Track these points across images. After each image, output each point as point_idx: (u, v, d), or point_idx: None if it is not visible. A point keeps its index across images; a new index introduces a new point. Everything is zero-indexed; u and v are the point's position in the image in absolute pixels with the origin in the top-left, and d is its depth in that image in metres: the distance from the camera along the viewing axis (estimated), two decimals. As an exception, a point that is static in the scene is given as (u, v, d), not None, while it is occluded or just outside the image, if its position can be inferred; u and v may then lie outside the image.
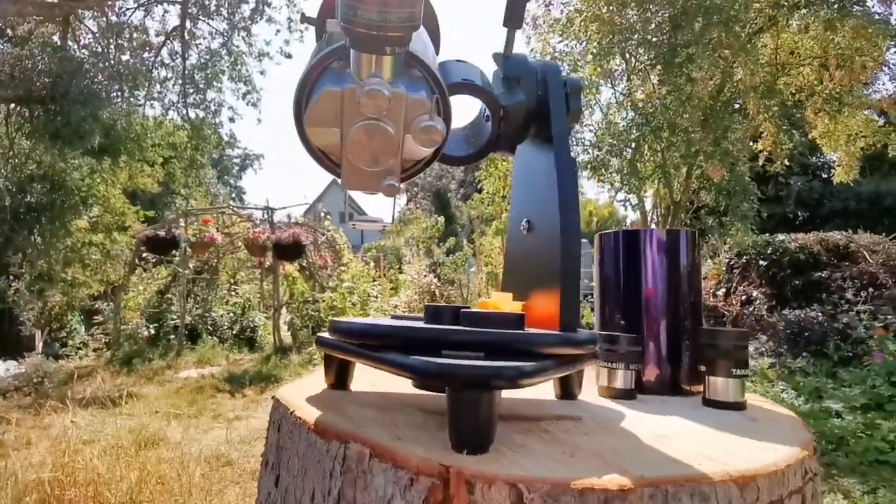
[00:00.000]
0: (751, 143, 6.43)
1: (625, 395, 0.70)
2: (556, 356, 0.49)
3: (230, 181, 26.57)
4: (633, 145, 5.09)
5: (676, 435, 0.51)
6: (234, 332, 7.91)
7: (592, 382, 0.73)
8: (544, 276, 0.59)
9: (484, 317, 0.49)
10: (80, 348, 6.87)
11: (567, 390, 0.66)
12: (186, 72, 7.23)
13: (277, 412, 0.57)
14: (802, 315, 4.55)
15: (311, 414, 0.51)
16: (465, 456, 0.40)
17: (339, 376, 0.64)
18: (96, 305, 7.31)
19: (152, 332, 6.75)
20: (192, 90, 7.25)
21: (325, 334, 0.62)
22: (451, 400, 0.42)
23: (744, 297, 6.29)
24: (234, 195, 23.32)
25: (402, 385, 0.64)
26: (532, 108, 0.60)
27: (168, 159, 8.17)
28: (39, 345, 7.29)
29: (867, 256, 5.22)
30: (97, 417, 3.62)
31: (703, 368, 0.68)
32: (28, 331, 7.10)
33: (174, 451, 2.90)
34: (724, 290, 6.61)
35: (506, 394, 0.67)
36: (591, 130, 6.23)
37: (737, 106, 6.21)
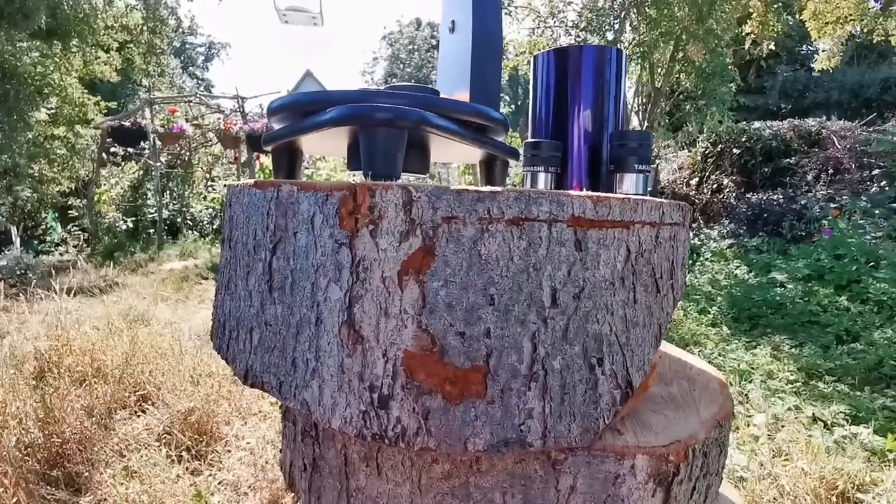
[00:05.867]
0: (737, 28, 6.20)
1: (545, 196, 0.79)
2: (463, 122, 0.56)
3: (196, 73, 24.94)
4: (616, 25, 4.89)
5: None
6: (214, 227, 7.97)
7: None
8: (466, 69, 0.64)
9: (403, 87, 0.55)
10: (58, 244, 6.89)
11: (490, 182, 0.74)
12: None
13: (229, 193, 0.65)
14: (764, 198, 4.73)
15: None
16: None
17: (288, 171, 0.71)
18: (69, 202, 7.21)
19: (130, 225, 6.76)
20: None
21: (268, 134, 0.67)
22: (363, 139, 0.49)
23: (715, 186, 6.46)
24: (201, 87, 22.01)
25: None
26: None
27: (124, 44, 7.61)
28: (17, 240, 7.27)
29: (836, 142, 5.32)
30: (86, 304, 3.75)
31: (612, 167, 0.76)
32: (2, 226, 7.05)
33: (165, 327, 3.07)
34: (697, 179, 6.76)
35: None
36: (574, 10, 5.93)
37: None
